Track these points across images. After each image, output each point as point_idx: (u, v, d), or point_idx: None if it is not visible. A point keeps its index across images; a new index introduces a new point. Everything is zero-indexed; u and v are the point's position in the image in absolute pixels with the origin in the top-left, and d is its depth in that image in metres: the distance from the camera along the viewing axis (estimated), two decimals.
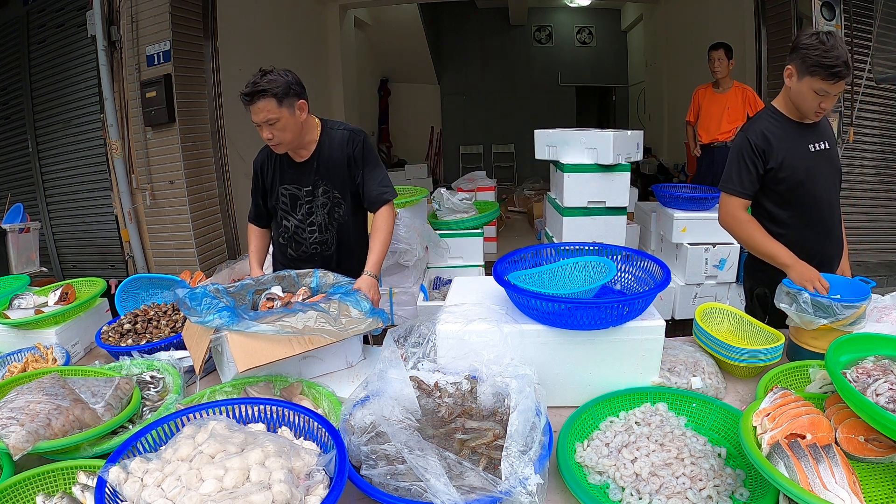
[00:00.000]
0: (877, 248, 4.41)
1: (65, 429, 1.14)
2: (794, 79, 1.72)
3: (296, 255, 2.05)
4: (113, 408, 1.27)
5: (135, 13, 3.90)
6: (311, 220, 1.98)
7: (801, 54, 1.67)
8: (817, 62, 1.63)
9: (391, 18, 8.35)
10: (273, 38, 5.50)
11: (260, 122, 1.78)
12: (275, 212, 2.05)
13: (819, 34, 1.64)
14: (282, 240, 2.07)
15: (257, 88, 1.74)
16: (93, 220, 4.58)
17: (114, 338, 1.78)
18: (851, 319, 1.48)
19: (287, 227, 2.02)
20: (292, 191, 1.96)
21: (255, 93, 1.74)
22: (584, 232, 3.24)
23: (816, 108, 1.72)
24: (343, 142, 1.94)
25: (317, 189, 1.95)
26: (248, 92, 1.75)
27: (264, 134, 1.80)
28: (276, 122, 1.77)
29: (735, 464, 1.14)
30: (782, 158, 1.78)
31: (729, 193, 1.84)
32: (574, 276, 1.57)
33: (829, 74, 1.63)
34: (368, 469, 1.02)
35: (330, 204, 1.97)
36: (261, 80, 1.75)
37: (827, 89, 1.66)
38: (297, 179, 1.95)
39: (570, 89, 10.16)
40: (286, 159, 1.94)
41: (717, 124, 4.23)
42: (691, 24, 6.75)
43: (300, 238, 2.02)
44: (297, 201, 1.97)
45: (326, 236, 2.01)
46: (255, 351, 1.40)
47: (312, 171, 1.94)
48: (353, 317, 1.55)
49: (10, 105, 4.75)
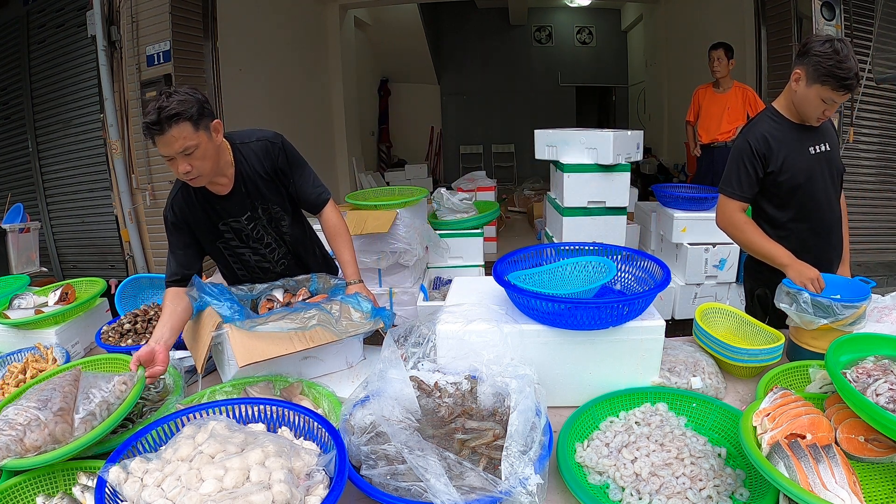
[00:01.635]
0: (877, 248, 4.41)
1: (37, 444, 1.07)
2: (801, 83, 1.70)
3: (265, 282, 1.79)
4: (94, 418, 1.16)
5: (135, 13, 3.91)
6: (267, 240, 1.78)
7: (813, 61, 1.64)
8: (830, 72, 1.61)
9: (391, 18, 8.35)
10: (273, 38, 5.50)
11: (173, 154, 1.46)
12: (219, 254, 1.80)
13: (833, 42, 1.61)
14: (242, 277, 1.84)
15: (169, 113, 1.42)
16: (93, 220, 4.59)
17: (114, 338, 1.78)
18: (851, 319, 1.48)
19: (245, 260, 1.80)
20: (233, 225, 1.72)
21: (166, 118, 1.42)
22: (584, 232, 3.24)
23: (820, 114, 1.72)
24: (261, 155, 1.69)
25: (255, 212, 1.72)
26: (156, 120, 1.42)
27: (180, 167, 1.48)
28: (195, 151, 1.47)
29: (735, 464, 1.14)
30: (782, 162, 1.78)
31: (727, 196, 1.84)
32: (574, 276, 1.57)
33: (839, 86, 1.62)
34: (368, 469, 1.02)
35: (274, 220, 1.77)
36: (168, 103, 1.43)
37: (835, 99, 1.66)
38: (230, 212, 1.70)
39: (570, 89, 10.16)
40: (210, 197, 1.66)
41: (717, 124, 4.23)
42: (691, 24, 6.75)
43: (265, 263, 1.83)
44: (242, 232, 1.74)
45: (285, 248, 1.84)
46: (256, 347, 1.40)
47: (242, 195, 1.69)
48: (353, 318, 1.56)
49: (10, 105, 4.75)
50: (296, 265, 1.89)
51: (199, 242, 1.74)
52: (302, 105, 6.15)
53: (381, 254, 3.02)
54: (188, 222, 1.68)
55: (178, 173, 1.52)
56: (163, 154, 1.49)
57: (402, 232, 2.99)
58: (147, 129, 1.45)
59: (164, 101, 1.44)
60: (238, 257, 1.80)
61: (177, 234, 1.69)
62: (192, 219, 1.68)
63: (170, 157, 1.48)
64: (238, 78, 4.76)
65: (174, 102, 1.44)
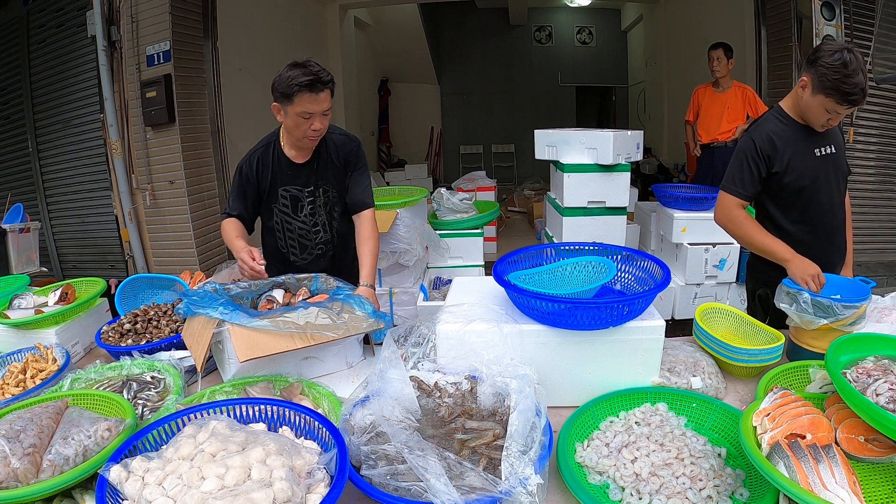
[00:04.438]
0: (877, 248, 4.41)
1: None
2: (807, 91, 1.69)
3: (299, 258, 2.03)
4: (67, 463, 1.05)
5: (135, 13, 3.91)
6: (315, 220, 1.98)
7: (820, 72, 1.62)
8: (835, 86, 1.60)
9: (391, 18, 8.35)
10: (273, 38, 5.50)
11: (315, 112, 1.74)
12: (269, 216, 1.98)
13: (843, 54, 1.59)
14: (281, 247, 2.02)
15: (326, 78, 1.72)
16: (93, 220, 4.59)
17: (114, 338, 1.78)
18: (851, 319, 1.48)
19: (290, 229, 1.99)
20: (293, 192, 1.94)
21: (324, 82, 1.72)
22: (584, 232, 3.24)
23: (824, 122, 1.72)
24: (339, 145, 1.96)
25: (318, 189, 1.95)
26: (317, 80, 1.70)
27: (315, 124, 1.76)
28: (328, 114, 1.79)
29: (735, 464, 1.14)
30: (787, 163, 1.77)
31: (727, 192, 1.84)
32: (574, 276, 1.57)
33: (844, 100, 1.62)
34: (368, 469, 1.02)
35: (330, 203, 1.99)
36: (323, 71, 1.72)
37: (839, 110, 1.65)
38: (297, 180, 1.93)
39: (570, 89, 10.16)
40: (286, 161, 1.92)
41: (717, 124, 4.23)
42: (691, 24, 6.75)
43: (306, 240, 2.00)
44: (299, 202, 1.95)
45: (330, 235, 2.03)
46: (256, 343, 1.41)
47: (313, 171, 1.94)
48: (355, 315, 1.55)
49: (10, 105, 4.76)
50: (331, 258, 2.05)
51: (257, 200, 1.95)
52: None
53: (381, 254, 3.02)
54: (258, 177, 1.92)
55: (308, 129, 1.77)
56: (307, 110, 1.73)
57: (403, 232, 3.00)
58: (309, 84, 1.69)
59: (314, 67, 1.72)
60: (284, 225, 1.98)
61: (240, 185, 1.93)
62: (263, 175, 1.91)
63: (309, 114, 1.74)
64: (238, 78, 4.75)
65: (325, 73, 1.73)
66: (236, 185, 1.94)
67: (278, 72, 1.76)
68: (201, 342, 1.49)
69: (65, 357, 1.63)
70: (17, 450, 1.02)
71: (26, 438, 1.06)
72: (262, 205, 1.97)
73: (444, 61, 9.82)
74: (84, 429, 1.10)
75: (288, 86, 1.70)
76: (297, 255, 2.01)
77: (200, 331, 1.52)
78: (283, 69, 1.75)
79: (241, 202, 1.94)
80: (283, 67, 1.75)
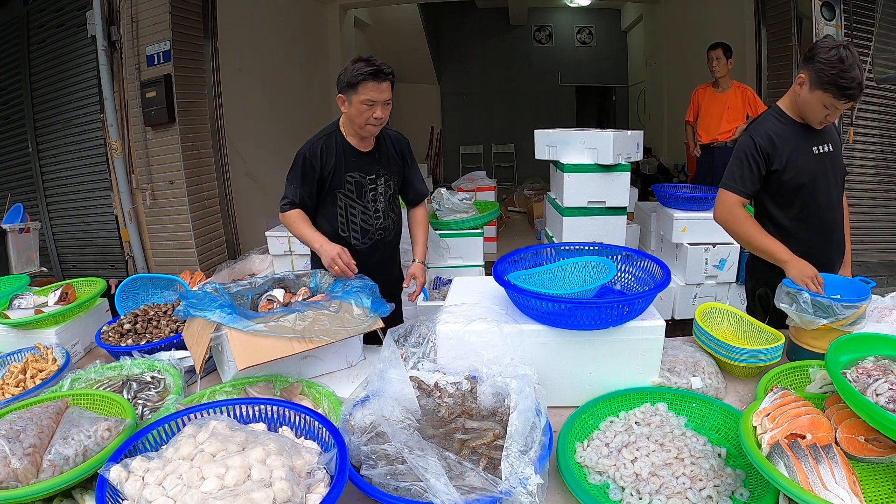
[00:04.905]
0: (877, 248, 4.41)
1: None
2: (805, 87, 1.71)
3: (360, 242, 2.07)
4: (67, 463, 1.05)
5: (135, 13, 3.91)
6: (377, 206, 2.07)
7: (817, 67, 1.65)
8: (832, 81, 1.62)
9: (391, 18, 8.34)
10: (273, 38, 5.50)
11: (378, 100, 1.83)
12: (332, 201, 2.02)
13: (839, 50, 1.61)
14: (342, 231, 2.05)
15: (388, 69, 1.83)
16: (93, 220, 4.59)
17: (114, 338, 1.78)
18: (851, 319, 1.48)
19: (353, 214, 2.04)
20: (357, 178, 2.01)
21: (386, 72, 1.82)
22: (584, 232, 3.24)
23: (822, 119, 1.73)
24: (395, 139, 2.12)
25: (379, 178, 2.05)
26: (380, 70, 1.81)
27: (377, 113, 1.86)
28: (389, 105, 1.89)
29: (735, 464, 1.14)
30: (786, 160, 1.78)
31: (728, 190, 1.84)
32: (574, 276, 1.57)
33: (841, 94, 1.63)
34: (368, 469, 1.02)
35: (390, 192, 2.10)
36: (383, 64, 1.83)
37: (837, 106, 1.67)
38: (361, 168, 2.01)
39: (570, 89, 10.16)
40: (350, 149, 1.99)
41: (717, 124, 4.23)
42: (691, 24, 6.75)
43: (367, 225, 2.07)
44: (363, 189, 2.02)
45: (388, 222, 2.12)
46: (256, 349, 1.40)
47: (375, 160, 2.04)
48: (354, 315, 1.55)
49: (10, 105, 4.76)
50: (387, 243, 2.17)
51: (319, 186, 1.99)
52: (302, 105, 6.14)
53: None
54: (322, 163, 1.96)
55: (371, 118, 1.86)
56: (371, 98, 1.82)
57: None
58: (373, 73, 1.80)
59: (377, 61, 1.82)
60: (348, 209, 2.04)
61: (303, 173, 1.97)
62: (326, 160, 1.97)
63: (373, 102, 1.83)
64: (238, 78, 4.75)
65: (387, 65, 1.84)
66: (298, 173, 1.97)
67: (343, 67, 1.87)
68: (200, 344, 1.49)
69: (65, 357, 1.63)
70: (17, 450, 1.02)
71: (26, 438, 1.06)
72: (324, 191, 2.01)
73: (444, 61, 9.82)
74: (84, 429, 1.10)
75: (354, 76, 1.81)
76: (357, 239, 2.07)
77: (200, 332, 1.52)
78: (348, 64, 1.86)
79: (304, 188, 1.98)
80: (348, 63, 1.86)
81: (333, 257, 1.79)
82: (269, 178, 5.30)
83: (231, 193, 4.63)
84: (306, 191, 1.99)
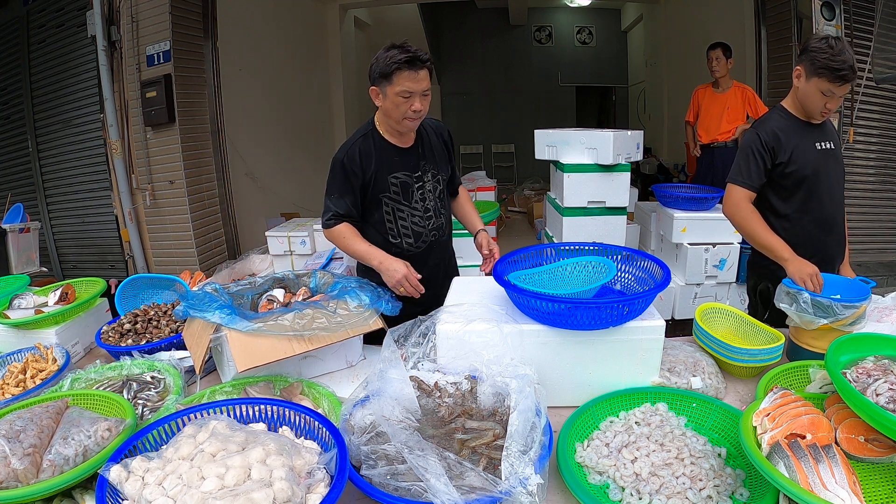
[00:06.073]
0: (877, 248, 4.41)
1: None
2: (802, 79, 1.82)
3: (413, 247, 1.92)
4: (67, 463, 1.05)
5: (135, 13, 3.91)
6: (426, 205, 1.92)
7: (809, 56, 1.76)
8: (825, 65, 1.71)
9: (391, 18, 8.35)
10: (273, 38, 5.50)
11: (415, 91, 1.70)
12: (377, 206, 1.87)
13: (828, 39, 1.73)
14: (392, 238, 1.90)
15: (424, 57, 1.69)
16: (93, 220, 4.59)
17: (114, 338, 1.78)
18: (851, 319, 1.48)
19: (402, 217, 1.89)
20: (402, 179, 1.86)
21: (423, 60, 1.68)
22: (584, 232, 3.24)
23: (822, 108, 1.81)
24: (435, 128, 1.99)
25: (426, 174, 1.90)
26: (416, 57, 1.67)
27: (415, 105, 1.72)
28: (428, 95, 1.75)
29: (735, 464, 1.14)
30: (791, 154, 1.86)
31: (736, 184, 1.91)
32: (574, 276, 1.57)
33: (835, 77, 1.71)
34: (368, 469, 1.02)
35: (440, 187, 1.96)
36: (419, 50, 1.69)
37: (833, 90, 1.75)
38: (405, 166, 1.87)
39: (570, 89, 10.16)
40: (390, 147, 1.85)
41: (717, 124, 4.23)
42: (691, 24, 6.75)
43: (420, 227, 1.91)
44: (409, 189, 1.87)
45: (441, 221, 1.97)
46: (255, 351, 1.40)
47: (419, 155, 1.89)
48: (352, 311, 1.55)
49: (10, 105, 4.76)
50: (443, 244, 2.03)
51: (363, 193, 1.85)
52: (302, 105, 6.15)
53: None
54: (362, 167, 1.81)
55: (409, 110, 1.73)
56: (408, 89, 1.69)
57: None
58: (409, 61, 1.65)
59: (412, 47, 1.68)
60: (396, 214, 1.89)
61: (344, 180, 1.82)
62: (366, 164, 1.81)
63: (410, 93, 1.70)
64: (238, 78, 4.76)
65: (423, 51, 1.69)
66: (339, 181, 1.82)
67: (374, 56, 1.72)
68: (200, 344, 1.49)
69: (65, 357, 1.63)
70: (17, 450, 1.02)
71: (26, 438, 1.06)
72: (367, 197, 1.86)
73: (444, 61, 9.82)
74: (84, 429, 1.10)
75: (387, 65, 1.66)
76: (410, 244, 1.91)
77: (199, 333, 1.52)
78: (380, 52, 1.70)
79: (348, 198, 1.82)
80: (380, 51, 1.71)
81: (399, 279, 1.68)
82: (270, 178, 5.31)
83: (231, 193, 4.64)
84: (351, 200, 1.82)
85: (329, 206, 1.84)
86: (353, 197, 1.83)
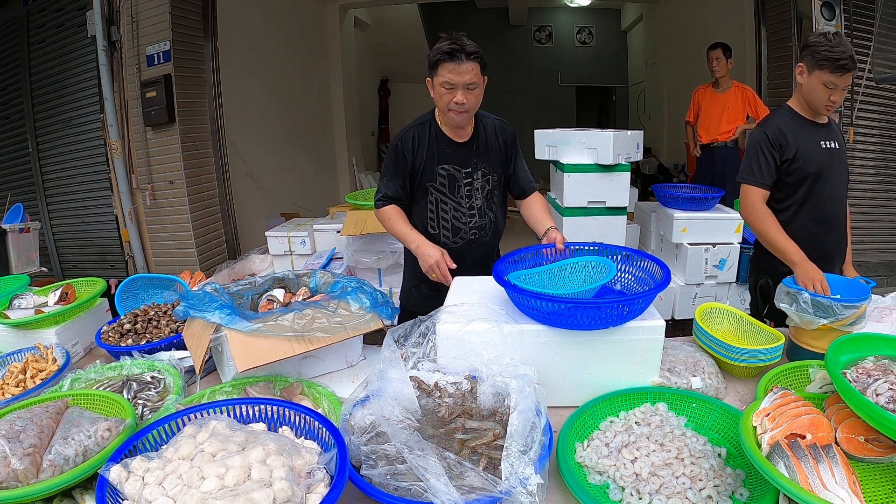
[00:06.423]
0: (877, 248, 4.41)
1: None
2: (804, 74, 1.85)
3: (451, 241, 1.94)
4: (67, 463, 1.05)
5: (135, 13, 3.91)
6: (471, 202, 1.91)
7: (810, 51, 1.80)
8: (825, 56, 1.76)
9: (391, 18, 8.35)
10: (273, 38, 5.50)
11: (458, 83, 1.70)
12: (424, 194, 1.90)
13: (826, 33, 1.78)
14: (431, 228, 1.93)
15: (469, 49, 1.67)
16: (93, 220, 4.59)
17: (114, 338, 1.78)
18: (851, 319, 1.48)
19: (444, 210, 1.91)
20: (451, 171, 1.87)
21: (466, 52, 1.67)
22: (584, 232, 3.24)
23: (826, 101, 1.84)
24: (497, 128, 1.96)
25: (476, 171, 1.90)
26: (459, 49, 1.66)
27: (458, 97, 1.72)
28: (475, 89, 1.74)
29: (735, 464, 1.14)
30: (796, 150, 1.89)
31: (749, 184, 1.94)
32: (574, 276, 1.57)
33: (836, 67, 1.75)
34: (368, 469, 1.02)
35: (489, 187, 1.93)
36: (468, 42, 1.67)
37: (835, 81, 1.78)
38: (456, 160, 1.87)
39: (570, 89, 10.17)
40: (444, 139, 1.86)
41: (717, 124, 4.23)
42: (691, 24, 6.75)
43: (459, 222, 1.92)
44: (456, 183, 1.88)
45: (485, 221, 1.96)
46: (255, 351, 1.40)
47: (472, 152, 1.89)
48: (353, 312, 1.55)
49: (10, 105, 4.76)
50: (484, 244, 1.98)
51: (412, 179, 1.87)
52: (302, 105, 6.15)
53: (381, 254, 3.02)
54: (414, 153, 1.84)
55: (451, 102, 1.73)
56: (449, 80, 1.69)
57: None
58: (450, 52, 1.65)
59: (462, 40, 1.67)
60: (438, 205, 1.90)
61: (395, 164, 1.86)
62: (419, 151, 1.84)
63: (452, 85, 1.70)
64: (238, 78, 4.76)
65: (473, 44, 1.68)
66: (391, 164, 1.87)
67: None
68: (200, 345, 1.49)
69: (65, 357, 1.63)
70: (17, 450, 1.02)
71: (26, 438, 1.06)
72: (416, 183, 1.89)
73: None
74: (84, 429, 1.10)
75: (433, 55, 1.69)
76: (448, 237, 1.93)
77: (199, 333, 1.52)
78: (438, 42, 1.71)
79: (398, 181, 1.87)
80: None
81: (432, 265, 1.69)
82: (270, 178, 5.31)
83: (231, 193, 4.64)
84: (400, 183, 1.86)
85: (381, 188, 1.89)
86: (402, 181, 1.87)
